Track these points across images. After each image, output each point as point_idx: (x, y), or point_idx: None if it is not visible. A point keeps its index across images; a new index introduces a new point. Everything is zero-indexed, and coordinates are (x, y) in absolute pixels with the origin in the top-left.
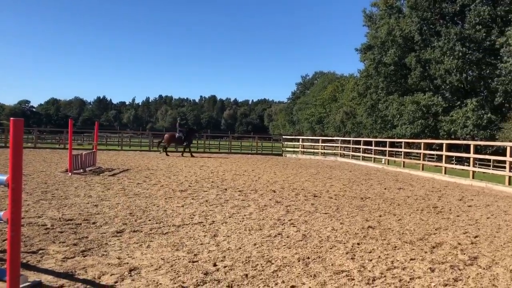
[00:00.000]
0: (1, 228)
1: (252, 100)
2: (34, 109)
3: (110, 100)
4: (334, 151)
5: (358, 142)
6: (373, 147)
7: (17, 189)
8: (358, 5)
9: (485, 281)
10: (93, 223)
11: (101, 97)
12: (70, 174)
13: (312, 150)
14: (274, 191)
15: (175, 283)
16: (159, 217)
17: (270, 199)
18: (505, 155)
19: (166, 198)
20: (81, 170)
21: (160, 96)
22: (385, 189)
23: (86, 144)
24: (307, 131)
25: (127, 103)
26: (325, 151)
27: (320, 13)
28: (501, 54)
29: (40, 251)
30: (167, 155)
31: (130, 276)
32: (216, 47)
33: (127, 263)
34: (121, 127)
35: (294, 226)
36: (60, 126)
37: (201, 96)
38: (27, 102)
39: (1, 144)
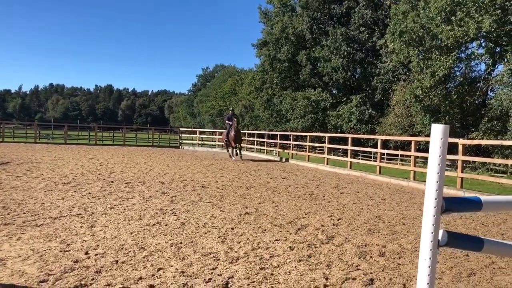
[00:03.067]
0: None
1: (152, 91)
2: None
3: None
4: None
5: (252, 135)
6: (265, 140)
7: None
8: (258, 1)
9: (334, 256)
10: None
11: None
12: None
13: (211, 143)
14: (163, 183)
15: (42, 272)
16: (35, 210)
17: (157, 191)
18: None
19: (46, 191)
20: None
21: (51, 85)
22: (270, 179)
23: None
24: (208, 124)
25: (12, 91)
26: (222, 143)
27: (223, 7)
28: (381, 54)
29: None
30: (236, 154)
31: None
32: (113, 36)
33: None
34: (5, 117)
35: (175, 215)
36: None
37: (96, 85)
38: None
39: None
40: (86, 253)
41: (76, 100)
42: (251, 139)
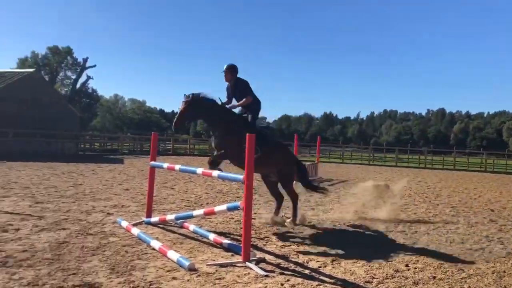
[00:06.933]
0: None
1: (488, 112)
2: (269, 125)
3: (336, 115)
4: None
5: None
6: None
7: (249, 186)
8: None
9: None
10: (309, 222)
11: (328, 113)
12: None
13: None
14: (492, 210)
15: (367, 274)
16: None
17: (485, 217)
18: None
19: (375, 208)
20: None
21: (385, 111)
22: None
23: (310, 156)
24: None
25: (351, 118)
26: None
27: None
28: None
29: (266, 239)
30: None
31: (332, 264)
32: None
33: (331, 254)
34: (345, 141)
35: (501, 244)
36: (288, 140)
37: (428, 110)
38: (264, 118)
39: None
40: (407, 265)
41: (408, 124)
42: None
